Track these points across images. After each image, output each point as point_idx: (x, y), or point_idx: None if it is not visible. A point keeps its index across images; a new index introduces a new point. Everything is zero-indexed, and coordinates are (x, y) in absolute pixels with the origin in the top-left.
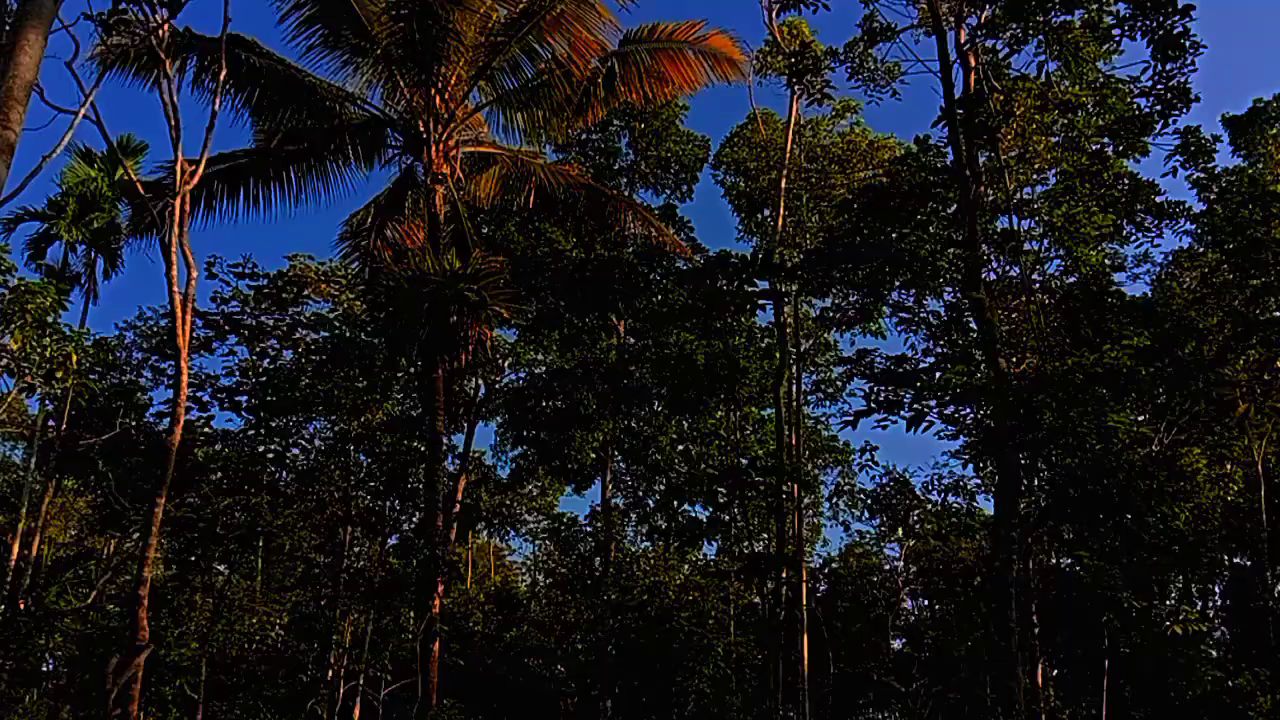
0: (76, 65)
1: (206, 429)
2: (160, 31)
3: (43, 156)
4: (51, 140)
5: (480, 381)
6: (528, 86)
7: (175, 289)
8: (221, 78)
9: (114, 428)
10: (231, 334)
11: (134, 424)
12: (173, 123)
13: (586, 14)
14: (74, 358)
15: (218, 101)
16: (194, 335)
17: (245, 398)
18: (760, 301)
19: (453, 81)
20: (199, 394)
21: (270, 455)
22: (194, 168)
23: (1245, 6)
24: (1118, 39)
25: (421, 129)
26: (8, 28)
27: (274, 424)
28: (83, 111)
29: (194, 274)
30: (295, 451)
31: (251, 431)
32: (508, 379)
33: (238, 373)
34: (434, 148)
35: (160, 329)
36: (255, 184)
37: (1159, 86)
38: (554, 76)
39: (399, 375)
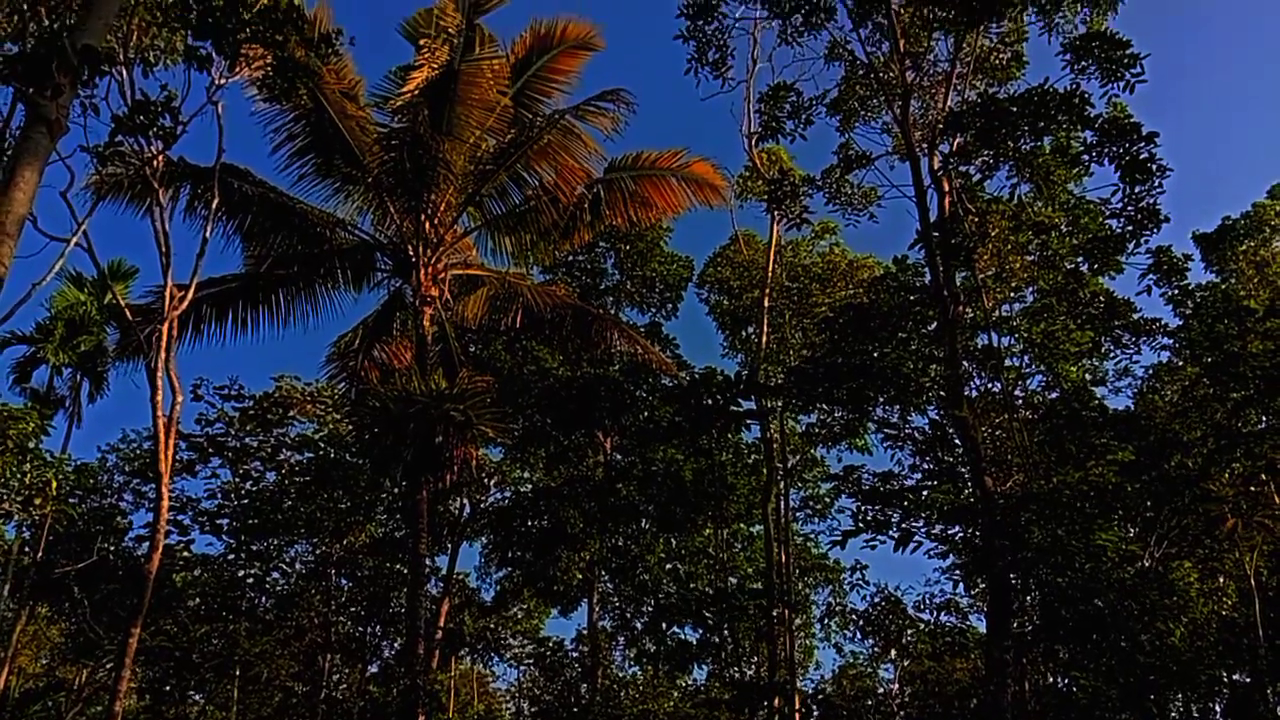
0: (71, 194)
1: (186, 553)
2: (155, 162)
3: (32, 284)
4: (42, 266)
5: (465, 501)
6: (516, 212)
7: (160, 414)
8: (214, 206)
9: (92, 553)
10: (215, 456)
11: (112, 550)
12: (163, 250)
13: (573, 144)
14: (54, 484)
15: (209, 229)
16: (177, 458)
17: (227, 521)
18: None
19: (442, 208)
20: (180, 517)
21: (250, 580)
22: (183, 294)
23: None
24: (1087, 163)
25: (411, 253)
26: (4, 162)
27: (255, 547)
28: (75, 240)
29: (179, 398)
30: (275, 575)
31: (231, 555)
32: (493, 498)
33: (220, 495)
34: (423, 271)
35: (143, 452)
36: (244, 307)
37: (1129, 208)
38: (541, 202)
39: (383, 496)
